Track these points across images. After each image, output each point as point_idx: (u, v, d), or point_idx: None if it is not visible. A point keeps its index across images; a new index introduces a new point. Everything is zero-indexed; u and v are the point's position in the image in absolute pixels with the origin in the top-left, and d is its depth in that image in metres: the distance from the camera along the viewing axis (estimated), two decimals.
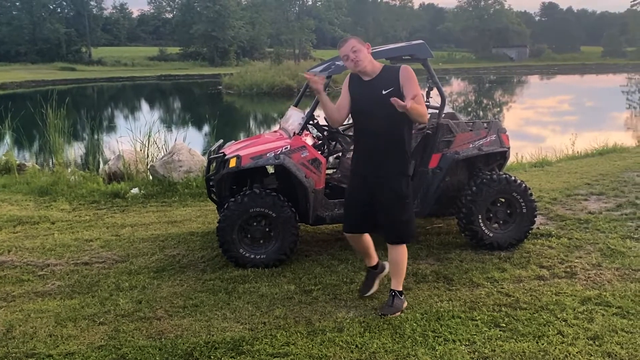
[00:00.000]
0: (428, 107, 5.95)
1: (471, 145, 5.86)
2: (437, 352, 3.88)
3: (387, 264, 4.76)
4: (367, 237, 4.67)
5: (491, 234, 5.77)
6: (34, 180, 9.28)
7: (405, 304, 4.56)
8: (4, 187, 9.24)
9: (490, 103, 34.29)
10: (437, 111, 5.87)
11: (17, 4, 68.06)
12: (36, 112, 10.80)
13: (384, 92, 4.13)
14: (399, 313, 4.42)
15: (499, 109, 31.06)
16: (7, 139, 11.39)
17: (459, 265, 5.44)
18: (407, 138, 4.29)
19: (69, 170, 10.18)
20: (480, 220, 5.73)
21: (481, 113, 28.87)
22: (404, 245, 4.49)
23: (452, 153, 5.78)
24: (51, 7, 70.72)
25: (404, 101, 3.92)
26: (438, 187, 5.81)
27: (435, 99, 5.98)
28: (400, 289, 4.55)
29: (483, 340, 4.04)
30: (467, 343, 4.00)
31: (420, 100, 4.05)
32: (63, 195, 8.55)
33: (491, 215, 5.85)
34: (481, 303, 4.61)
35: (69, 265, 5.66)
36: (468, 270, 5.29)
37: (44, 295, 4.96)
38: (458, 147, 5.81)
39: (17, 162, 10.73)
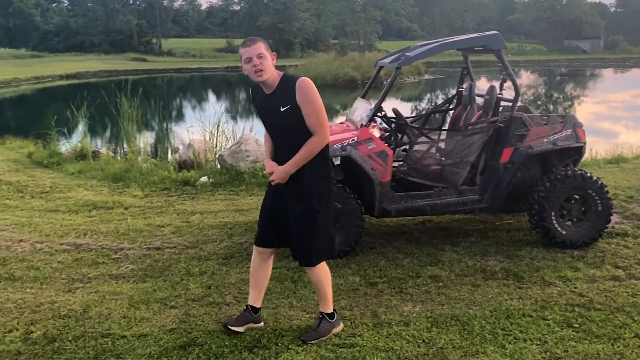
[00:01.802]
0: (501, 99, 5.81)
1: (545, 140, 5.68)
2: (507, 351, 3.80)
3: (262, 322, 4.20)
4: (269, 270, 4.19)
5: (564, 232, 5.59)
6: (108, 167, 9.63)
7: (338, 328, 4.09)
8: (80, 173, 9.63)
9: (561, 97, 33.16)
10: (510, 104, 5.73)
11: None
12: (110, 101, 11.17)
13: (282, 109, 3.71)
14: (323, 338, 3.98)
15: (570, 103, 30.00)
16: (82, 126, 11.84)
17: (529, 263, 5.30)
18: (319, 153, 3.82)
19: (141, 158, 10.51)
20: (553, 218, 5.56)
21: (551, 107, 27.99)
22: (321, 266, 3.98)
23: (525, 147, 5.63)
24: None
25: (302, 119, 3.69)
26: (509, 183, 5.67)
27: (509, 92, 5.83)
28: (329, 310, 4.06)
29: (555, 340, 3.93)
30: (538, 342, 3.90)
31: (320, 122, 3.71)
32: (135, 182, 8.83)
33: (565, 212, 5.66)
34: (553, 302, 4.49)
35: (141, 250, 5.85)
36: (539, 269, 5.14)
37: (118, 278, 5.14)
38: (532, 141, 5.64)
39: (92, 149, 11.14)
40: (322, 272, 4.00)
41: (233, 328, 4.05)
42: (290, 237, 3.96)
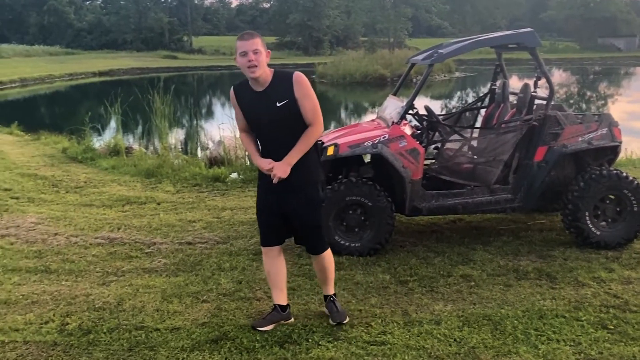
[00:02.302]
0: (535, 97, 5.74)
1: (580, 139, 5.59)
2: (540, 351, 3.76)
3: (292, 318, 4.24)
4: (283, 266, 4.19)
5: (598, 232, 5.51)
6: (141, 163, 9.75)
7: None
8: (113, 169, 9.77)
9: (594, 95, 32.56)
10: (544, 102, 5.65)
11: None
12: (143, 98, 11.32)
13: (278, 105, 3.74)
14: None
15: (603, 102, 29.46)
16: (115, 123, 12.01)
17: (562, 263, 5.23)
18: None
19: (172, 154, 10.63)
20: (587, 218, 5.47)
21: (584, 105, 27.52)
22: (329, 251, 4.14)
23: (559, 146, 5.55)
24: None
25: (299, 112, 3.77)
26: (543, 182, 5.61)
27: (543, 90, 5.76)
28: (334, 291, 4.31)
29: (589, 341, 3.87)
30: (572, 343, 3.85)
31: (317, 113, 3.83)
32: (167, 178, 8.94)
33: (599, 212, 5.57)
34: (587, 303, 4.42)
35: (173, 245, 5.93)
36: (573, 269, 5.07)
37: (151, 272, 5.21)
38: (566, 140, 5.56)
39: (125, 145, 11.30)
40: (330, 257, 4.18)
41: (261, 328, 4.07)
42: (296, 228, 4.07)
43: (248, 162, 9.57)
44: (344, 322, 4.14)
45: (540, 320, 4.16)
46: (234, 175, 8.92)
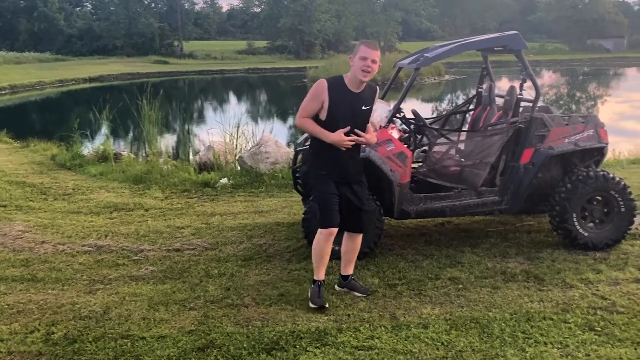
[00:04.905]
0: (521, 100, 5.75)
1: (567, 140, 5.61)
2: (527, 354, 3.75)
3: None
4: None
5: (586, 234, 5.52)
6: (129, 169, 9.72)
7: None
8: (102, 175, 9.73)
9: (583, 96, 32.73)
10: (531, 104, 5.67)
11: (115, 0, 71.29)
12: (132, 103, 11.29)
13: (363, 108, 4.41)
14: None
15: (593, 103, 29.61)
16: (104, 129, 11.96)
17: (550, 265, 5.23)
18: None
19: (162, 159, 10.60)
20: (574, 219, 5.48)
21: (574, 107, 27.64)
22: None
23: (545, 148, 5.56)
24: (146, 2, 73.50)
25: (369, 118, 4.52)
26: (530, 184, 5.61)
27: (529, 92, 5.77)
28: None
29: (576, 344, 3.87)
30: (559, 346, 3.85)
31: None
32: (156, 184, 8.90)
33: (586, 213, 5.58)
34: (574, 305, 4.43)
35: (161, 251, 5.89)
36: (560, 271, 5.08)
37: (138, 280, 5.18)
38: (552, 142, 5.58)
39: (114, 151, 11.26)
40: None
41: (322, 305, 4.48)
42: (352, 210, 4.58)
43: (238, 167, 9.55)
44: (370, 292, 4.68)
45: (528, 323, 4.16)
46: (224, 180, 8.89)
